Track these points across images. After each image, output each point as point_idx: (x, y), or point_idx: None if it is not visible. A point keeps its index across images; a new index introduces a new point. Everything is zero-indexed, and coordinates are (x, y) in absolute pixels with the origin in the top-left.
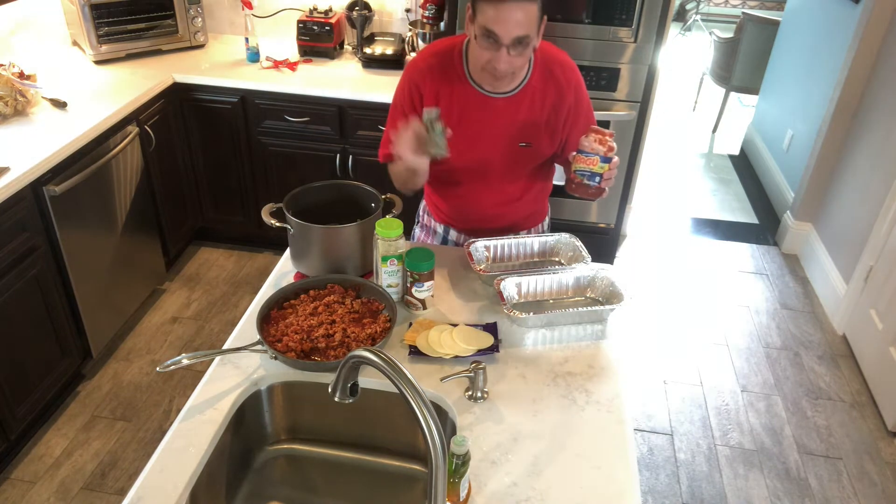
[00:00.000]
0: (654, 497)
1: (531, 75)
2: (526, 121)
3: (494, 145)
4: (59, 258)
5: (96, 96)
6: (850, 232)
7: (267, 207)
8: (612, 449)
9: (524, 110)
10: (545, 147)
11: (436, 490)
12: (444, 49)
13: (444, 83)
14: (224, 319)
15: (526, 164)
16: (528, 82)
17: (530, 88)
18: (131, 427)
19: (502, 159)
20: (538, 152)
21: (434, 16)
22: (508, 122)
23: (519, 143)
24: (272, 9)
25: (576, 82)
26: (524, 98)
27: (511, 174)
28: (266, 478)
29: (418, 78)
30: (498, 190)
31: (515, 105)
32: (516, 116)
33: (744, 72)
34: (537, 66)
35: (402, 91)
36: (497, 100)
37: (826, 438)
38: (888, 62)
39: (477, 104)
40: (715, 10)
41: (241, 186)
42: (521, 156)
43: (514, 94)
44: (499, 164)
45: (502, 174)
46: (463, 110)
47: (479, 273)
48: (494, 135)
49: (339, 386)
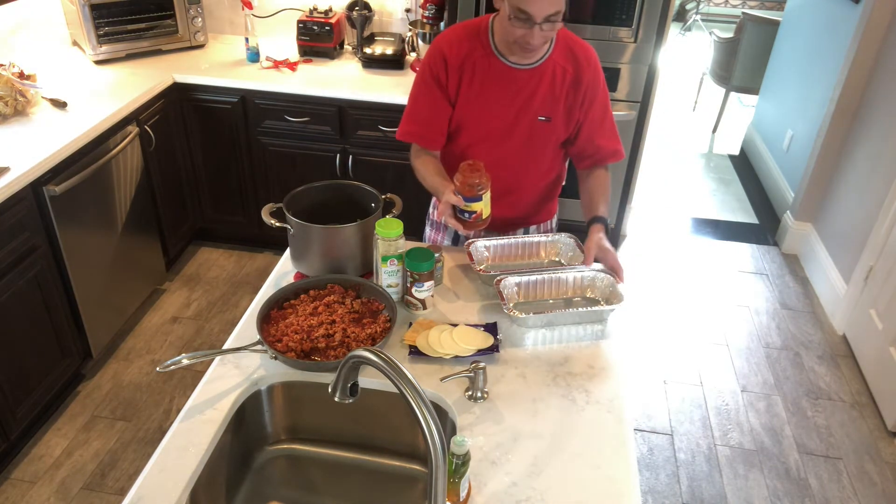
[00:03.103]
0: (654, 497)
1: (553, 50)
2: (547, 94)
3: (515, 115)
4: (59, 258)
5: (96, 96)
6: (850, 232)
7: (267, 207)
8: (612, 449)
9: (546, 83)
10: (562, 124)
11: (436, 490)
12: (471, 23)
13: (469, 51)
14: (224, 319)
15: (544, 140)
16: (551, 56)
17: (552, 62)
18: (131, 427)
19: (522, 131)
20: (556, 128)
21: (434, 16)
22: (530, 93)
23: (539, 117)
24: (272, 9)
25: (594, 65)
26: (546, 71)
27: (529, 151)
28: (266, 478)
29: (444, 45)
30: (515, 169)
31: (538, 77)
32: (538, 88)
33: (744, 72)
34: (559, 42)
35: (426, 61)
36: (520, 71)
37: (826, 438)
38: (888, 62)
39: (500, 74)
40: (715, 10)
41: (241, 186)
42: (540, 130)
43: (537, 67)
44: (518, 135)
45: (521, 149)
46: (485, 78)
47: (479, 273)
48: (516, 105)
49: (339, 386)
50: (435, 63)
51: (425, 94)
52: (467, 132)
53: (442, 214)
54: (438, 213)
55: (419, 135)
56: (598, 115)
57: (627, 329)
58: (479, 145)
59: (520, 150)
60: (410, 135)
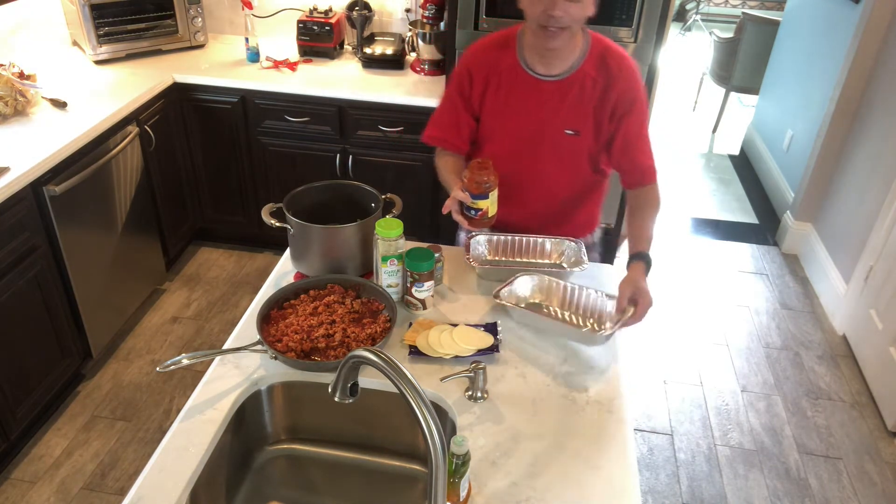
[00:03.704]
0: (654, 497)
1: (584, 61)
2: (574, 107)
3: (539, 128)
4: (59, 258)
5: (96, 96)
6: (850, 232)
7: (267, 207)
8: (612, 449)
9: (573, 95)
10: (591, 138)
11: (436, 490)
12: (500, 33)
13: (496, 62)
14: (224, 319)
15: (573, 154)
16: (581, 68)
17: (581, 74)
18: (131, 427)
19: (548, 145)
20: (585, 142)
21: (434, 16)
22: (556, 105)
23: (565, 130)
24: (272, 9)
25: (628, 76)
26: (574, 83)
27: (558, 165)
28: (266, 478)
29: (471, 56)
30: (544, 183)
31: (565, 89)
32: (564, 101)
33: (744, 72)
34: (592, 53)
35: (454, 70)
36: (546, 83)
37: (826, 438)
38: (888, 62)
39: (525, 85)
40: (715, 10)
41: (241, 186)
42: (567, 144)
43: (564, 79)
44: (545, 150)
45: (549, 163)
46: (511, 89)
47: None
48: (541, 118)
49: (339, 386)
50: (460, 73)
51: (448, 103)
52: (492, 143)
53: (448, 209)
54: (445, 208)
55: (440, 139)
56: (633, 130)
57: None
58: (506, 157)
59: (547, 162)
60: (433, 139)
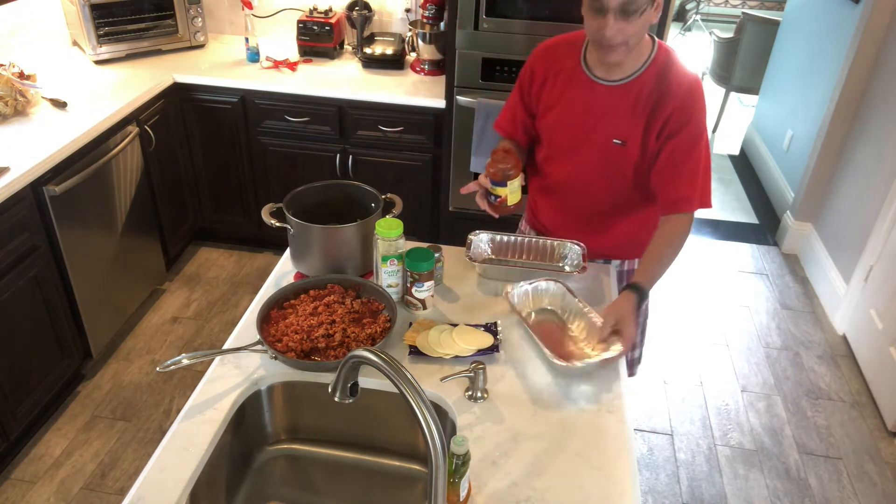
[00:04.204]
0: (654, 497)
1: (645, 71)
2: (626, 115)
3: (586, 132)
4: (59, 258)
5: (96, 96)
6: (850, 232)
7: (267, 207)
8: (612, 449)
9: (627, 104)
10: (638, 151)
11: (436, 490)
12: (572, 34)
13: (560, 60)
14: (224, 319)
15: (619, 166)
16: (640, 77)
17: (639, 84)
18: (131, 427)
19: (592, 151)
20: (631, 154)
21: (434, 16)
22: (606, 111)
23: (614, 139)
24: (272, 9)
25: (687, 94)
26: (630, 92)
27: (603, 174)
28: (266, 478)
29: (538, 53)
30: (588, 190)
31: (620, 96)
32: (617, 108)
33: (744, 72)
34: (655, 64)
35: (521, 71)
36: (602, 86)
37: (826, 438)
38: (888, 62)
39: (581, 85)
40: (715, 10)
41: (241, 186)
42: (614, 154)
43: (621, 85)
44: (588, 155)
45: (593, 171)
46: (566, 88)
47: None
48: (589, 121)
49: (339, 386)
50: (525, 69)
51: (512, 95)
52: (543, 142)
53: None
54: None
55: (501, 126)
56: (681, 150)
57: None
58: (553, 157)
59: (592, 171)
60: (497, 125)
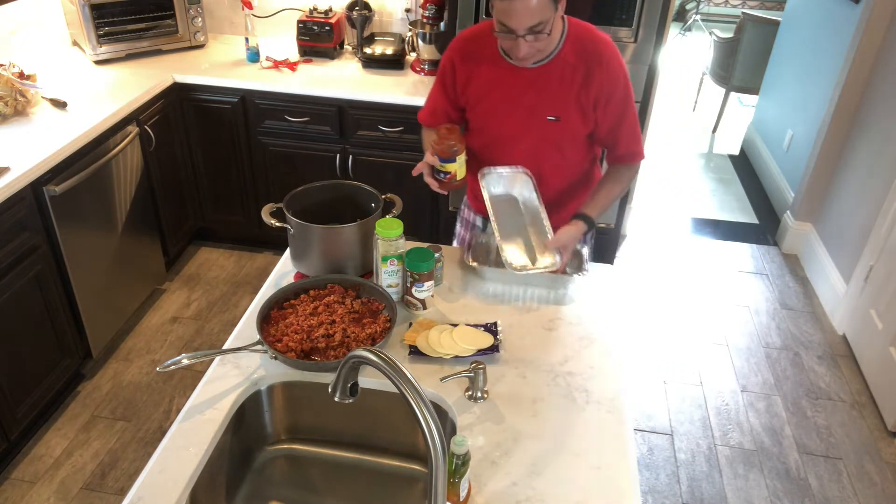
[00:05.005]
0: (654, 497)
1: (562, 47)
2: (555, 93)
3: (524, 116)
4: (59, 258)
5: (96, 96)
6: (850, 232)
7: (267, 207)
8: (612, 449)
9: (554, 81)
10: (576, 124)
11: (436, 490)
12: (478, 27)
13: (476, 52)
14: (224, 319)
15: (557, 140)
16: (559, 54)
17: (560, 60)
18: (131, 427)
19: (532, 131)
20: (568, 128)
21: (434, 16)
22: (537, 92)
23: (547, 116)
24: (272, 9)
25: (609, 61)
26: (554, 69)
27: (543, 151)
28: (266, 478)
29: (455, 50)
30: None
31: (545, 76)
32: (546, 87)
33: (744, 72)
34: (570, 39)
35: (441, 64)
36: (525, 70)
37: (826, 438)
38: (888, 62)
39: (505, 74)
40: (715, 10)
41: (241, 186)
42: (550, 130)
43: (543, 66)
44: (529, 136)
45: (534, 149)
46: (491, 79)
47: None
48: (523, 105)
49: (339, 386)
50: (444, 62)
51: (434, 89)
52: (481, 133)
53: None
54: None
55: (422, 119)
56: (617, 111)
57: (627, 328)
58: (496, 145)
59: (534, 149)
60: (421, 118)
